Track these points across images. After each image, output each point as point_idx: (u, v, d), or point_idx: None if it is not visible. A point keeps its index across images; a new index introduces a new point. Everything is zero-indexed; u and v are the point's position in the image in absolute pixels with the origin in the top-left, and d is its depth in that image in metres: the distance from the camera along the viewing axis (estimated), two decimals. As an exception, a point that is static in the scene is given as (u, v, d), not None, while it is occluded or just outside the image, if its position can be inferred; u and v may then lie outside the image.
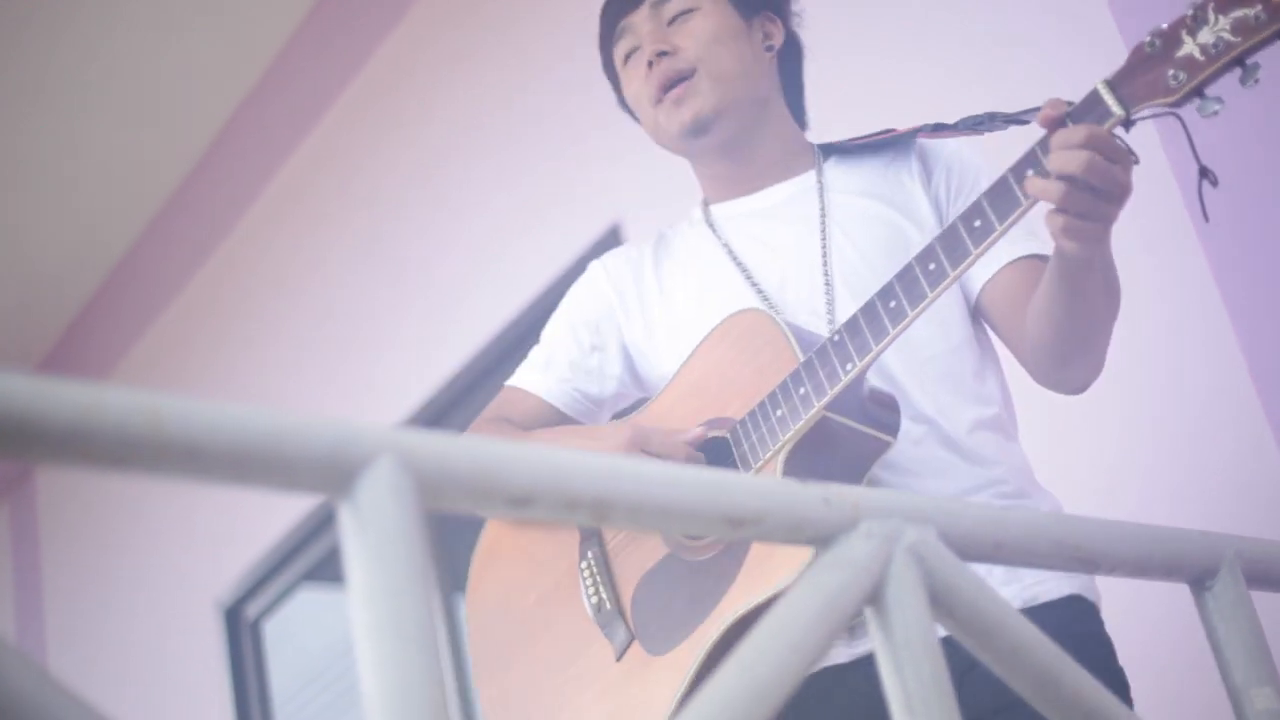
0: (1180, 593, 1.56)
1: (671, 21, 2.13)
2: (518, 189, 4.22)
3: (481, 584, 2.16)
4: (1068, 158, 1.62)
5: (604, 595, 1.98)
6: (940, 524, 1.31)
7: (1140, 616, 1.98)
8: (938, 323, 1.98)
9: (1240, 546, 1.58)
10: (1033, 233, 1.96)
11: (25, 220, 5.40)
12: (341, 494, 1.01)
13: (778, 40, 2.19)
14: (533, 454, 1.11)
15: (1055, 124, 1.65)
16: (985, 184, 1.99)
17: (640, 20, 2.15)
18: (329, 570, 4.93)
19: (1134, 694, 1.81)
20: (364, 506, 1.00)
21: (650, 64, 2.11)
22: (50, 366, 6.10)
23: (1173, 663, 1.87)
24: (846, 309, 1.93)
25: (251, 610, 5.27)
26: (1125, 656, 1.86)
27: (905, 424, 1.89)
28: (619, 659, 1.95)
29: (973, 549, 1.35)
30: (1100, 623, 1.92)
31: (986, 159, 2.03)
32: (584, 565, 2.02)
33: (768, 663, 1.15)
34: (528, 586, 2.08)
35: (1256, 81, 1.55)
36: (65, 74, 4.82)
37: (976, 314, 2.05)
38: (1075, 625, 1.85)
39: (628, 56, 2.17)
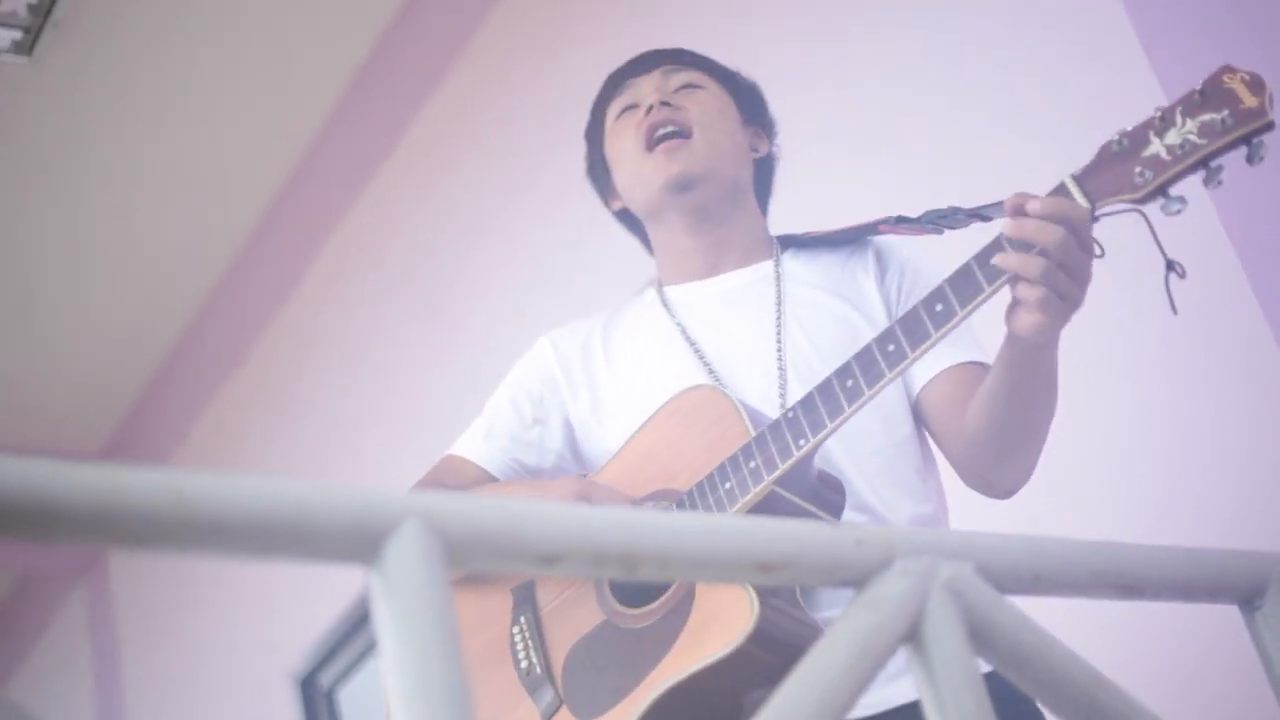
0: (1230, 611, 1.55)
1: (678, 90, 2.19)
2: (565, 255, 4.24)
3: None
4: (1045, 230, 1.64)
5: (534, 659, 1.97)
6: (977, 558, 1.31)
7: (1190, 636, 1.95)
8: (882, 418, 2.00)
9: (1287, 564, 1.56)
10: (976, 340, 2.02)
11: (80, 309, 5.47)
12: (370, 560, 1.02)
13: (762, 151, 2.26)
14: (559, 512, 1.12)
15: (1021, 212, 1.67)
16: None
17: (647, 82, 2.21)
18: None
19: (1187, 716, 1.79)
20: (392, 571, 1.01)
21: (649, 110, 2.15)
22: (109, 456, 6.16)
23: (1226, 683, 1.85)
24: (799, 398, 1.92)
25: (325, 679, 5.28)
26: (1176, 678, 1.84)
27: (847, 511, 1.90)
28: None
29: (1011, 582, 1.34)
30: None
31: (946, 255, 2.01)
32: (516, 630, 2.01)
33: (806, 707, 1.15)
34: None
35: (1219, 184, 1.59)
36: (115, 160, 4.91)
37: (915, 414, 2.06)
38: None
39: (623, 112, 2.21)
